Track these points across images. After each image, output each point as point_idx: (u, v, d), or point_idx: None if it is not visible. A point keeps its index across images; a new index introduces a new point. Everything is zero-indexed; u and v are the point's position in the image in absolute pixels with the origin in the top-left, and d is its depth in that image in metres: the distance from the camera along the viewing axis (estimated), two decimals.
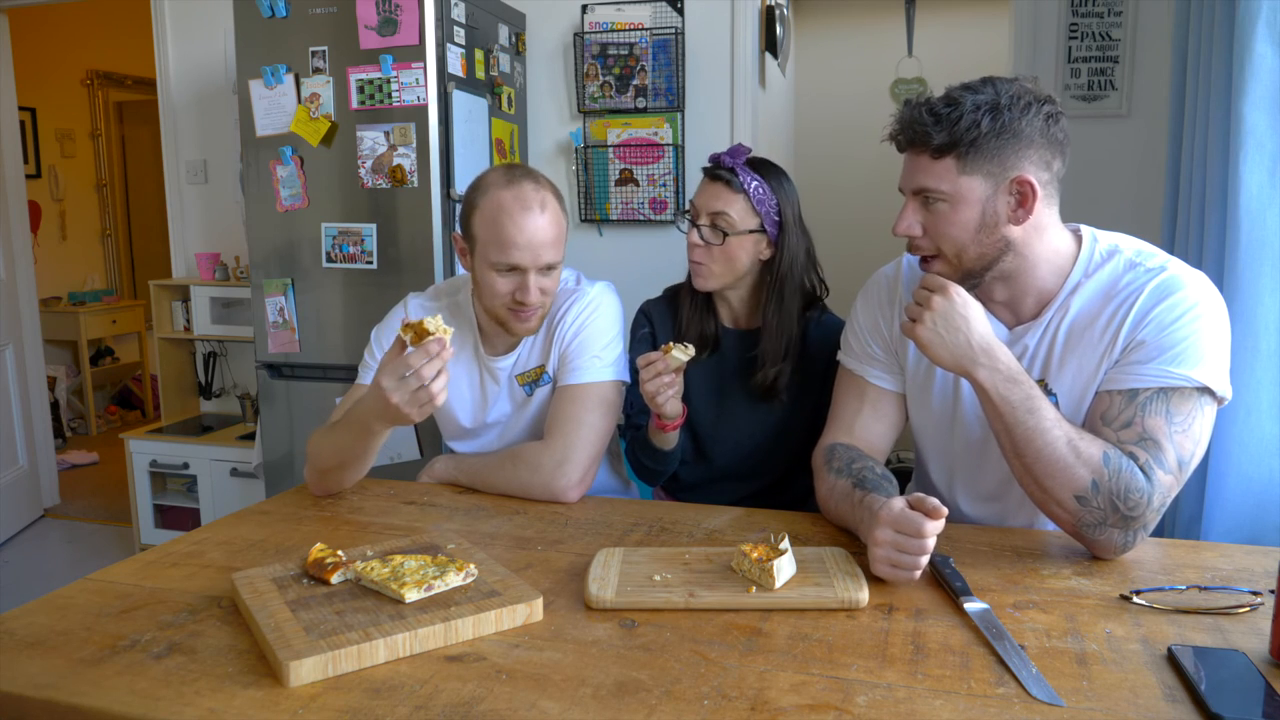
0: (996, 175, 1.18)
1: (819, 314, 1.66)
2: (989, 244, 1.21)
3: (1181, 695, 0.84)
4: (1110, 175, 2.66)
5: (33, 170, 5.25)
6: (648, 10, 3.01)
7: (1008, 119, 1.15)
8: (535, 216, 1.42)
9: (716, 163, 1.58)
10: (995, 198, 1.18)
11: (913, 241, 1.26)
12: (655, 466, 1.64)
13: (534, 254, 1.42)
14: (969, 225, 1.20)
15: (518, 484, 1.46)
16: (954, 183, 1.18)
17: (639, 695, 0.85)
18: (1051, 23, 2.69)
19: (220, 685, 0.88)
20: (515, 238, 1.41)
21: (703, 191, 1.59)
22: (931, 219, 1.22)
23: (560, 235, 1.47)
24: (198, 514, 3.43)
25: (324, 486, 1.48)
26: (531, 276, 1.43)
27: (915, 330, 1.19)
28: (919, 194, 1.22)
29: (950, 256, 1.23)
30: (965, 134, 1.15)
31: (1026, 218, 1.19)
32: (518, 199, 1.42)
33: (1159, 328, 1.16)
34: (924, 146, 1.19)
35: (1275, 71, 1.58)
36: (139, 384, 5.64)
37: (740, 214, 1.54)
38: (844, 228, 4.74)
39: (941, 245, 1.23)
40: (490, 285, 1.46)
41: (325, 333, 2.69)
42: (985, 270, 1.23)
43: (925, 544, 1.03)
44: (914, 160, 1.22)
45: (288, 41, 2.59)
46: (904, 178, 1.25)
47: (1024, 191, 1.18)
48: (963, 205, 1.19)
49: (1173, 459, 1.13)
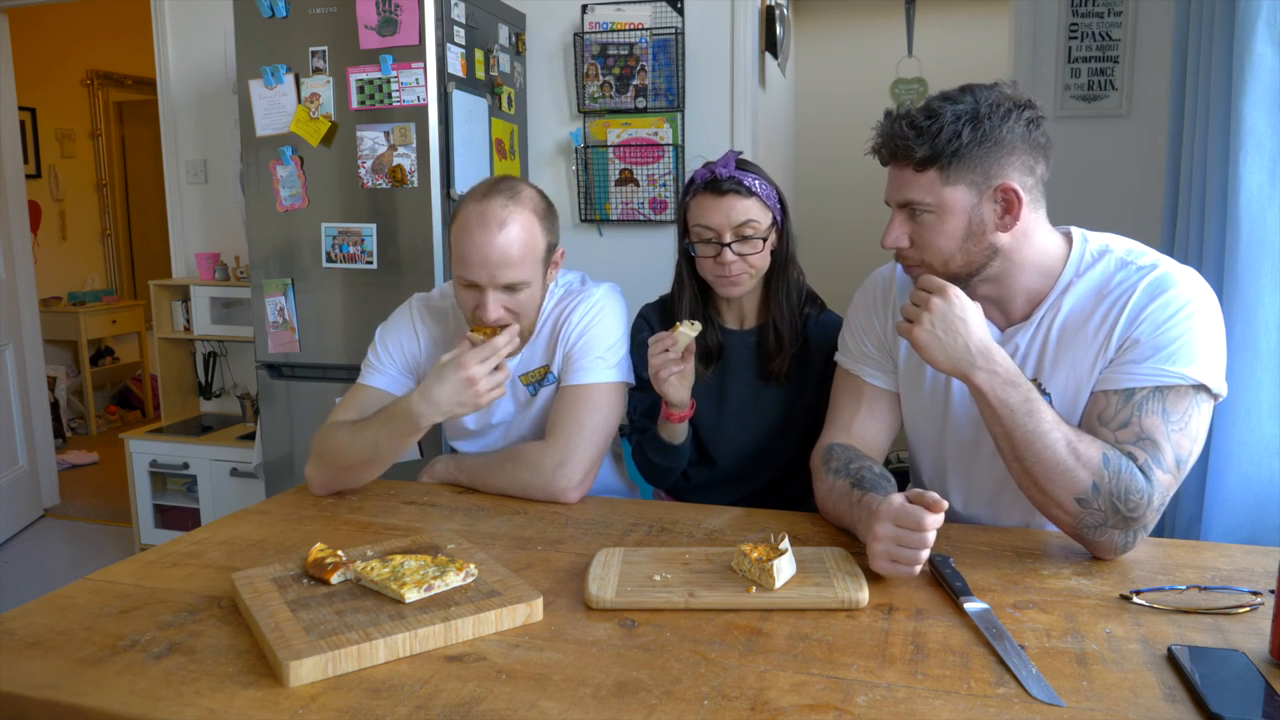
0: (980, 184, 1.18)
1: (818, 312, 1.66)
2: (976, 252, 1.21)
3: (1181, 695, 0.84)
4: (1110, 175, 2.66)
5: (33, 170, 5.26)
6: (648, 10, 3.01)
7: (988, 127, 1.15)
8: (493, 234, 1.37)
9: (715, 176, 1.54)
10: (980, 206, 1.19)
11: (900, 253, 1.27)
12: (665, 463, 1.61)
13: (489, 273, 1.38)
14: (955, 235, 1.20)
15: (518, 484, 1.46)
16: (938, 194, 1.18)
17: (639, 695, 0.85)
18: (1051, 23, 2.70)
19: (220, 685, 0.88)
20: (471, 255, 1.38)
21: (715, 209, 1.52)
22: (918, 230, 1.22)
23: (526, 256, 1.41)
24: (198, 514, 3.43)
25: (338, 483, 1.47)
26: (489, 295, 1.40)
27: (912, 332, 1.18)
28: (904, 206, 1.23)
29: (937, 266, 1.23)
30: (947, 145, 1.15)
31: (1014, 224, 1.19)
32: (480, 215, 1.39)
33: (1153, 326, 1.16)
34: (906, 160, 1.19)
35: (1275, 71, 1.58)
36: (139, 384, 5.64)
37: (760, 215, 1.54)
38: (843, 228, 4.75)
39: (927, 256, 1.23)
40: (459, 298, 1.46)
41: (325, 333, 2.69)
42: (971, 276, 1.23)
43: (926, 538, 1.03)
44: (898, 174, 1.22)
45: (288, 41, 2.59)
46: (889, 190, 1.25)
47: (1009, 199, 1.18)
48: (948, 216, 1.19)
49: (1170, 458, 1.13)
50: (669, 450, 1.59)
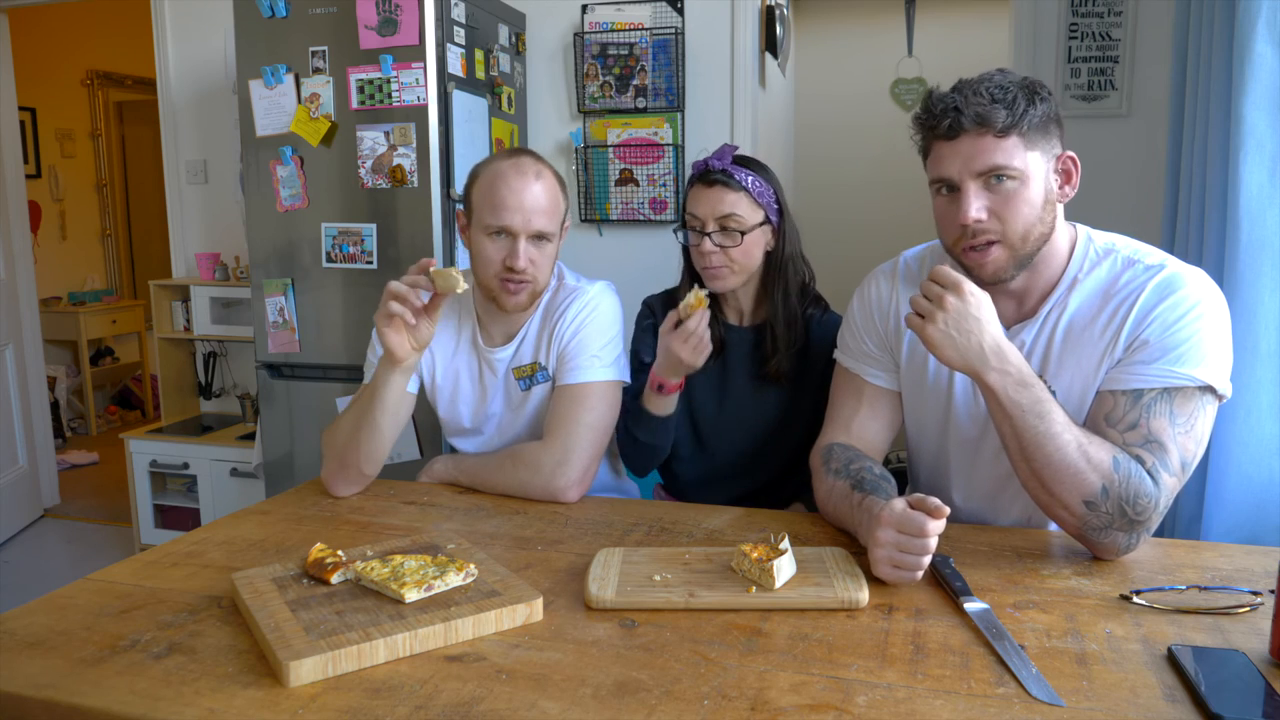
0: (1049, 151, 1.20)
1: (820, 313, 1.66)
2: (1047, 223, 1.21)
3: (1181, 695, 0.84)
4: (1110, 175, 2.66)
5: (33, 170, 5.25)
6: (648, 10, 3.01)
7: (1042, 97, 1.18)
8: (531, 182, 1.45)
9: (708, 168, 1.57)
10: (1049, 175, 1.20)
11: (978, 228, 1.19)
12: (652, 440, 1.59)
13: (525, 217, 1.44)
14: (1037, 203, 1.19)
15: (517, 484, 1.46)
16: (1024, 159, 1.18)
17: (639, 695, 0.85)
18: (1051, 23, 2.69)
19: (220, 685, 0.88)
20: (508, 199, 1.44)
21: (702, 199, 1.57)
22: (999, 200, 1.19)
23: (555, 209, 1.49)
24: (198, 514, 3.43)
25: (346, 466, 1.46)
26: (521, 243, 1.45)
27: (925, 328, 1.15)
28: (984, 175, 1.18)
29: (1016, 240, 1.19)
30: (1024, 112, 1.17)
31: (1071, 194, 1.22)
32: (515, 166, 1.47)
33: (1163, 326, 1.15)
34: (987, 127, 1.17)
35: (1275, 71, 1.58)
36: (139, 384, 5.63)
37: (747, 211, 1.56)
38: (844, 228, 4.75)
39: (1010, 227, 1.19)
40: (482, 252, 1.48)
41: (325, 333, 2.69)
42: (1034, 255, 1.22)
43: (928, 544, 1.03)
44: (976, 143, 1.18)
45: (288, 41, 2.59)
46: (962, 163, 1.19)
47: (1067, 168, 1.22)
48: (1031, 181, 1.19)
49: (1176, 461, 1.13)
50: (655, 425, 1.57)
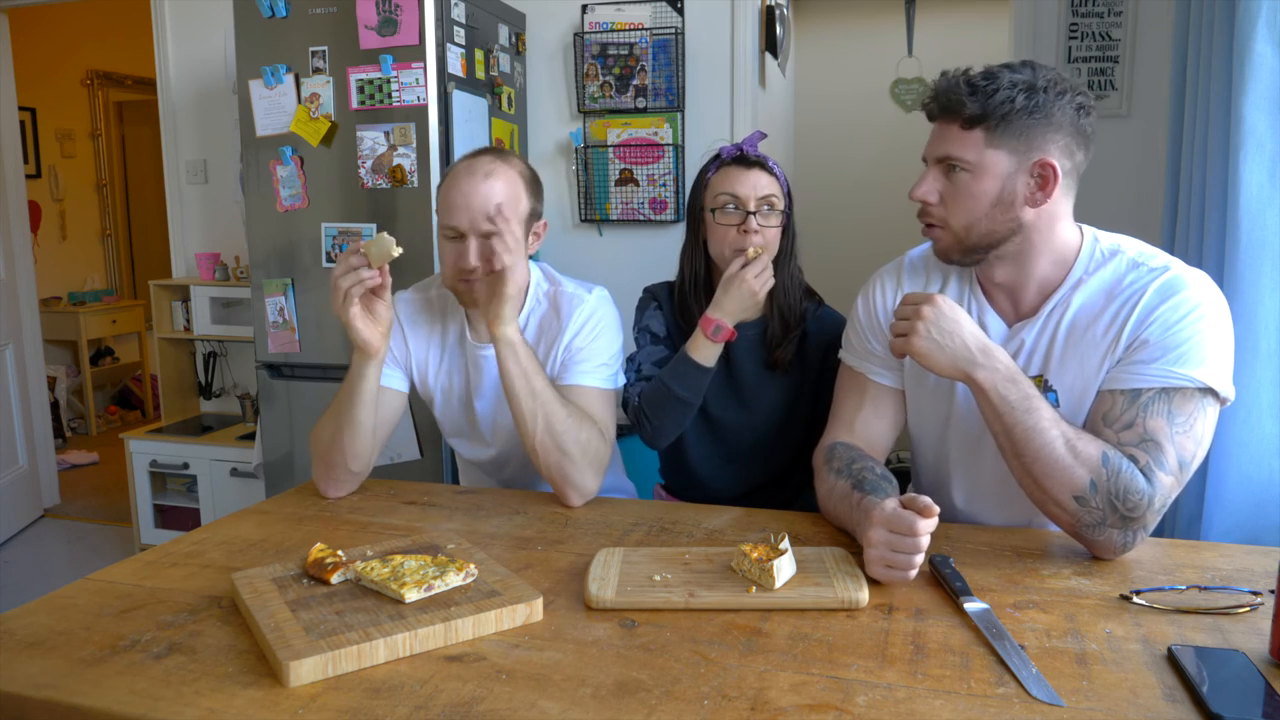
0: (1021, 154, 1.19)
1: (815, 306, 1.67)
2: (1001, 222, 1.21)
3: (1181, 695, 0.84)
4: (1110, 175, 2.66)
5: (33, 170, 5.25)
6: (648, 10, 3.01)
7: (1041, 100, 1.17)
8: (478, 182, 1.43)
9: (743, 152, 1.60)
10: (1016, 176, 1.20)
11: (926, 209, 1.26)
12: (690, 397, 1.55)
13: (470, 217, 1.42)
14: (985, 199, 1.20)
15: (558, 453, 1.38)
16: (979, 153, 1.19)
17: (639, 695, 0.85)
18: (1051, 23, 2.70)
19: (220, 685, 0.88)
20: (456, 200, 1.43)
21: (743, 179, 1.56)
22: (950, 188, 1.23)
23: (513, 204, 1.45)
24: (198, 514, 3.43)
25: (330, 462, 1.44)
26: (472, 242, 1.44)
27: (910, 342, 1.19)
28: (942, 162, 1.23)
29: (958, 228, 1.23)
30: (998, 108, 1.17)
31: (1044, 201, 1.20)
32: (468, 167, 1.45)
33: (1163, 327, 1.16)
34: (955, 115, 1.20)
35: (1275, 71, 1.58)
36: (139, 384, 5.63)
37: (780, 195, 1.59)
38: (844, 227, 4.75)
39: (953, 216, 1.23)
40: (442, 254, 1.49)
41: (325, 333, 2.69)
42: (989, 248, 1.24)
43: (919, 543, 1.03)
44: (943, 129, 1.23)
45: (288, 41, 2.59)
46: (930, 145, 1.26)
47: (1045, 174, 1.19)
48: (984, 177, 1.20)
49: (1173, 460, 1.13)
50: (701, 378, 1.54)
